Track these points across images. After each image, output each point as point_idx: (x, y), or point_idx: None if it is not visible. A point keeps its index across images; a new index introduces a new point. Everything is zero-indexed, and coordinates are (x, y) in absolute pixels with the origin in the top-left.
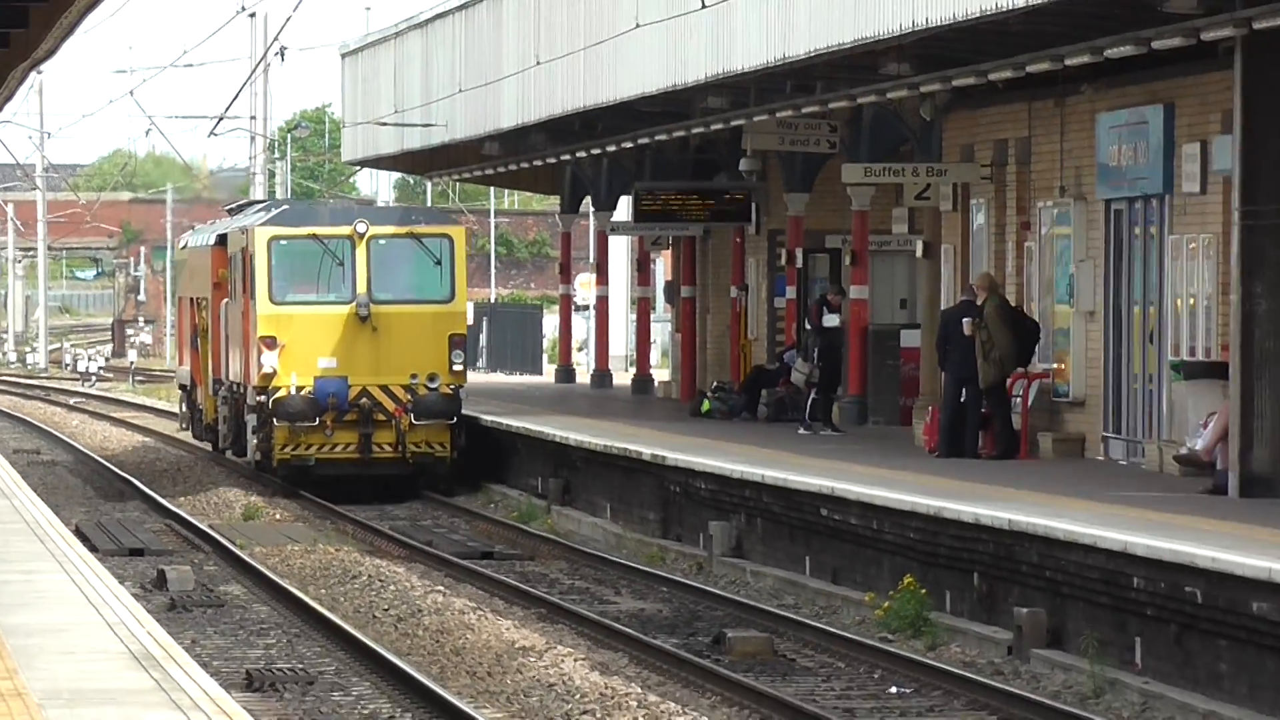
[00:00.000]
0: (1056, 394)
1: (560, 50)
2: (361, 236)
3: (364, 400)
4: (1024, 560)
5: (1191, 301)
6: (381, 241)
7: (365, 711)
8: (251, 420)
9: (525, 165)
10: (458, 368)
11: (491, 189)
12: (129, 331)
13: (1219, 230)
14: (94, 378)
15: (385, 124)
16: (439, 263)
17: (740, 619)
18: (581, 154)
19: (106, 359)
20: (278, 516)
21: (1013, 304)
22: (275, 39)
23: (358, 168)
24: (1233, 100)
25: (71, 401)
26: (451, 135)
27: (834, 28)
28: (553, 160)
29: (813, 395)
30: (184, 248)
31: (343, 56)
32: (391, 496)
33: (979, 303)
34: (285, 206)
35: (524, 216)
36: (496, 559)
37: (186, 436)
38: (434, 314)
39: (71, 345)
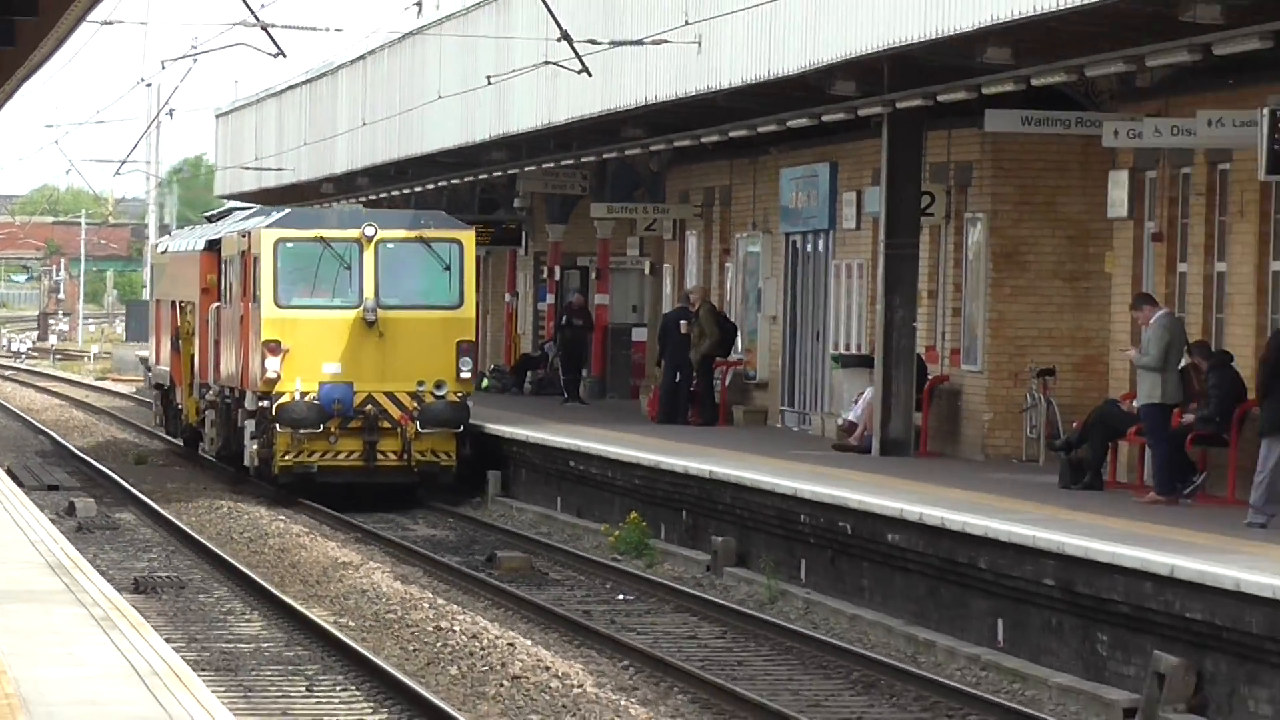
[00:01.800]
0: (747, 377)
1: (381, 114)
2: (370, 240)
3: (369, 407)
4: (720, 501)
5: (847, 309)
6: (390, 245)
7: (224, 609)
8: (250, 425)
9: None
10: (465, 375)
11: None
12: (51, 322)
13: (869, 256)
14: (24, 355)
15: (248, 168)
16: (448, 268)
17: (507, 543)
18: (395, 193)
19: (33, 342)
20: (161, 463)
21: (718, 309)
22: (166, 103)
23: (227, 201)
24: (880, 161)
25: (5, 374)
26: (298, 177)
27: (587, 101)
28: (374, 197)
29: (563, 375)
30: (164, 253)
31: (217, 116)
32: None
33: (694, 308)
34: (289, 210)
35: None
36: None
37: (96, 400)
38: (442, 320)
39: (6, 331)
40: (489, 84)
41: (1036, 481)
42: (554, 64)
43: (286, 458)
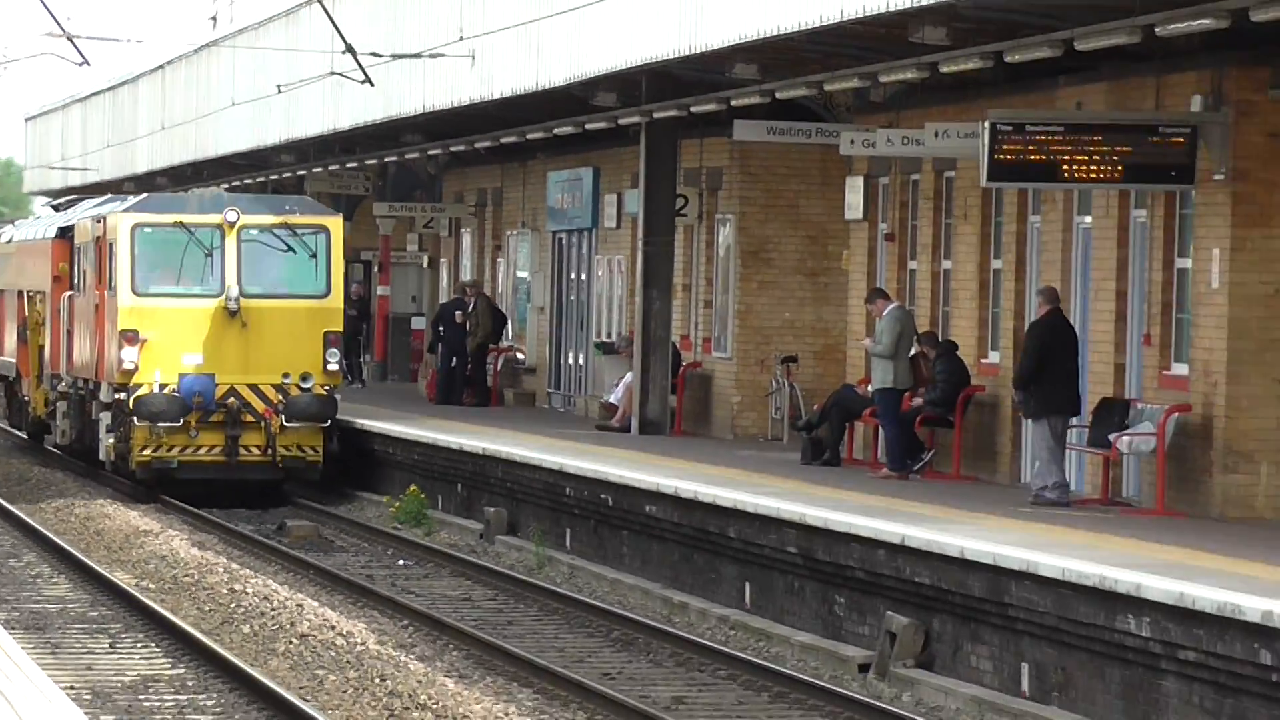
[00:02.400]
0: (517, 363)
1: (178, 119)
2: (232, 226)
3: (231, 400)
4: (493, 475)
5: (609, 301)
6: (253, 231)
7: (34, 572)
8: (105, 418)
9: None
10: (333, 367)
11: None
12: None
13: (628, 253)
14: None
15: (54, 168)
16: (314, 255)
17: (296, 514)
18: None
19: None
20: None
21: (492, 301)
22: None
23: (35, 197)
24: (639, 166)
25: None
26: (101, 176)
27: (369, 109)
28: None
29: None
30: (8, 242)
31: (26, 120)
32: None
33: (470, 299)
34: (146, 195)
35: None
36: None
37: None
38: (308, 309)
39: None
40: (279, 92)
41: (781, 458)
42: (339, 74)
43: (145, 452)
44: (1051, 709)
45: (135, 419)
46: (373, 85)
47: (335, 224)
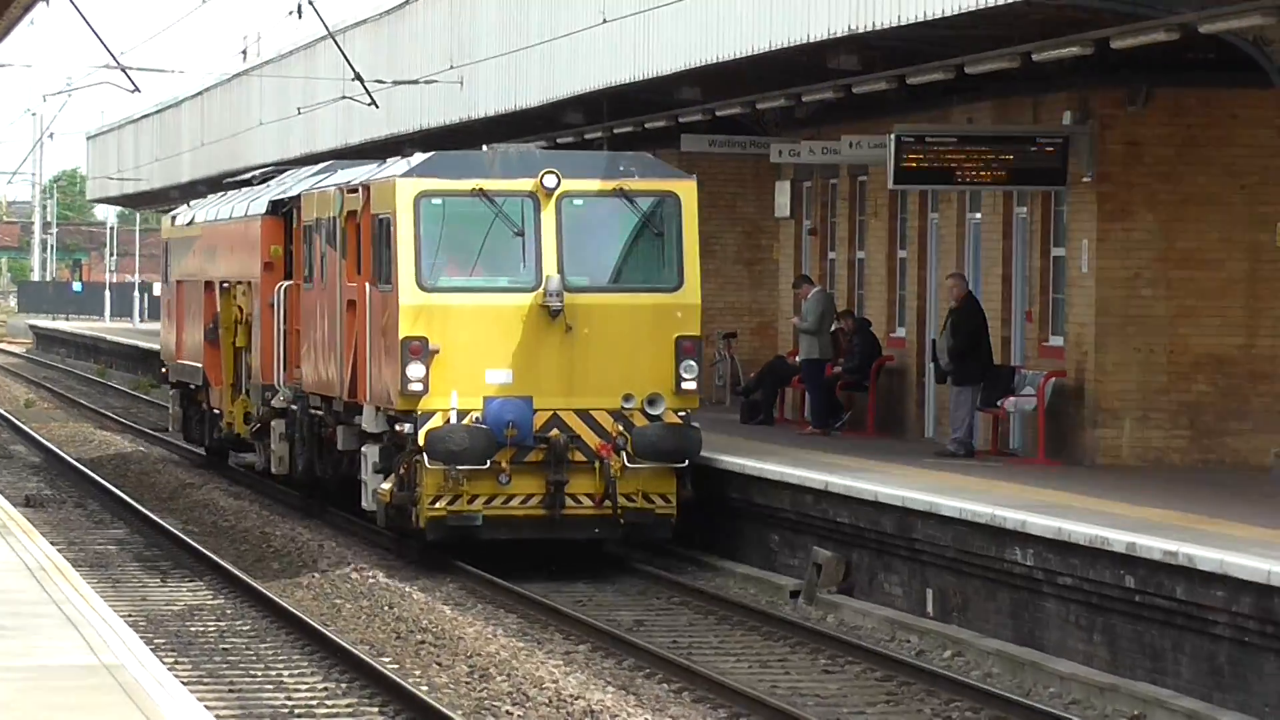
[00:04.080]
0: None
1: (215, 136)
2: (550, 194)
3: (555, 432)
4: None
5: None
6: (578, 202)
7: (96, 519)
8: (372, 454)
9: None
10: (689, 385)
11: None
12: None
13: None
14: None
15: (112, 178)
16: (660, 233)
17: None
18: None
19: None
20: (44, 406)
21: None
22: (47, 128)
23: (97, 203)
24: None
25: None
26: (151, 185)
27: (375, 127)
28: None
29: None
30: (189, 224)
31: (88, 138)
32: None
33: None
34: (433, 154)
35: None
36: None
37: None
38: (654, 307)
39: None
40: (299, 114)
41: (723, 419)
42: (349, 98)
43: (438, 505)
44: (952, 627)
45: (426, 459)
46: (378, 107)
47: (687, 189)
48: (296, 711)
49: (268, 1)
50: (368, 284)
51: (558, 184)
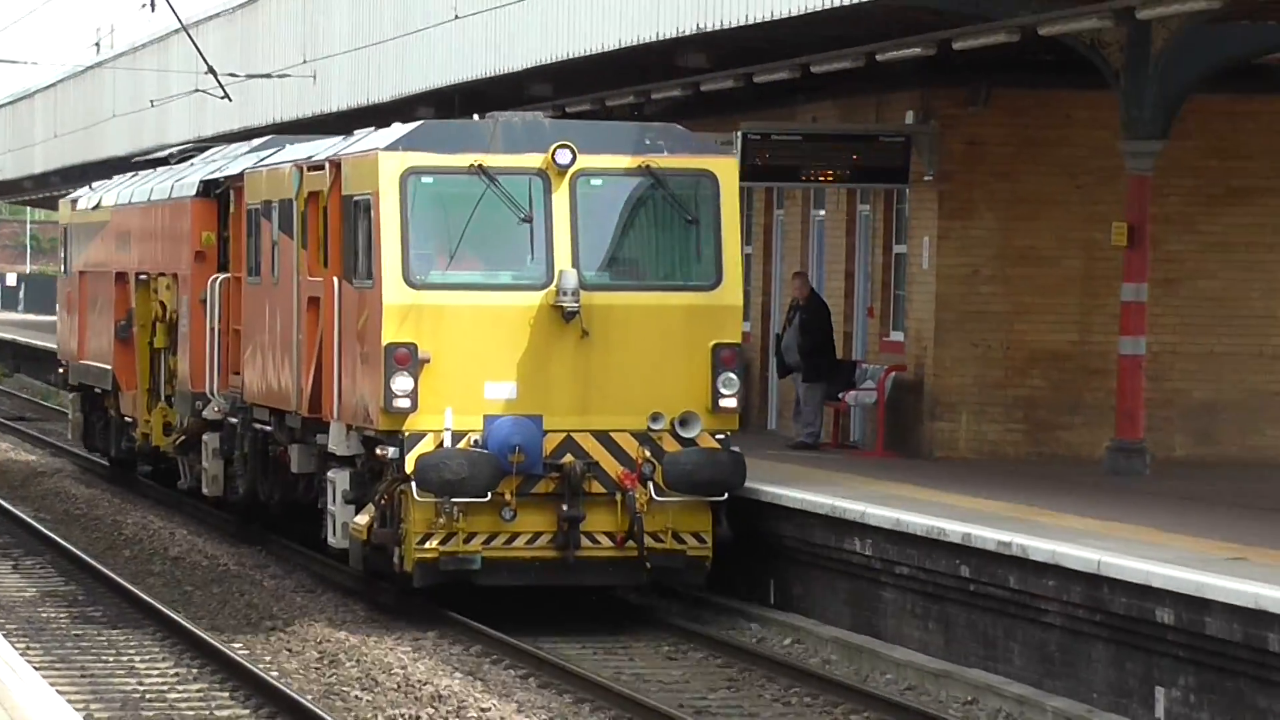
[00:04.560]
0: None
1: (68, 128)
2: (563, 171)
3: (568, 458)
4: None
5: None
6: (596, 182)
7: None
8: (340, 481)
9: None
10: (729, 402)
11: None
12: None
13: None
14: None
15: None
16: (693, 220)
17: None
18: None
19: None
20: None
21: None
22: None
23: None
24: None
25: None
26: (3, 175)
27: (228, 120)
28: (62, 195)
29: None
30: (96, 207)
31: None
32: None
33: None
34: (421, 123)
35: None
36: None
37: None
38: (687, 309)
39: None
40: (152, 106)
41: None
42: (203, 91)
43: (428, 545)
44: (792, 615)
45: (414, 489)
46: (231, 100)
47: (727, 168)
48: (148, 696)
49: None
50: (336, 279)
51: (572, 160)
